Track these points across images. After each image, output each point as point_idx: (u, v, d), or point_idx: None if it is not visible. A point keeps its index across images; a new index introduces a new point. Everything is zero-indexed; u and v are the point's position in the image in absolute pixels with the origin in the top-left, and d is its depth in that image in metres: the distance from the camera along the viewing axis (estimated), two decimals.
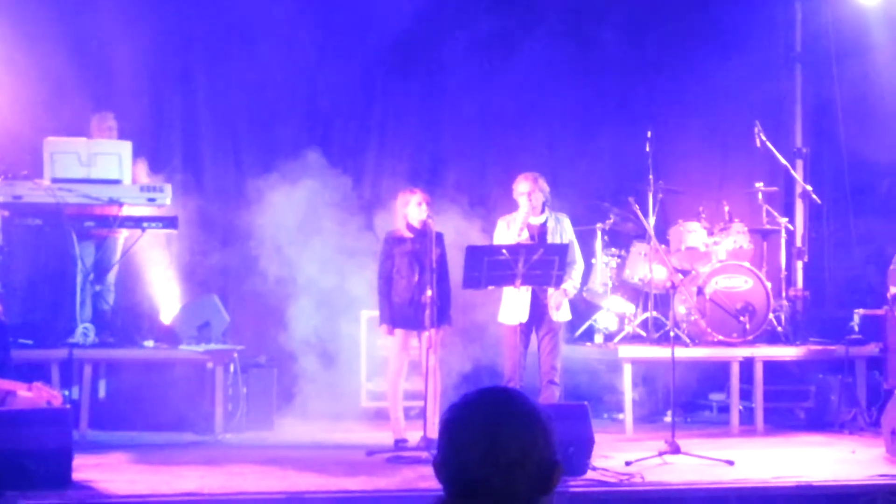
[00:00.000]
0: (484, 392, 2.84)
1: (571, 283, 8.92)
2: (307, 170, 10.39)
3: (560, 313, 8.90)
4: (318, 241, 10.31)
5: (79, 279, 9.45)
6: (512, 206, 9.02)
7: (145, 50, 10.66)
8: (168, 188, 9.48)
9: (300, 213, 10.38)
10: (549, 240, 8.85)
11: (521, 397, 2.82)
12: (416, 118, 11.48)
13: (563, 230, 8.99)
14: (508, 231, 8.89)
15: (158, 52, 10.79)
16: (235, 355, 9.54)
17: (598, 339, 10.46)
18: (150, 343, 9.54)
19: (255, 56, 10.83)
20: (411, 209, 8.83)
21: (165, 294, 10.13)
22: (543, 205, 8.95)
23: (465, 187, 10.96)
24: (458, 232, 9.85)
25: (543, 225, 8.97)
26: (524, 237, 8.83)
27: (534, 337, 8.91)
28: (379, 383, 10.12)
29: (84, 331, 9.31)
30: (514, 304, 8.78)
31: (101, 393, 9.76)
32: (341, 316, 10.38)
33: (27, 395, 7.85)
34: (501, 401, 2.80)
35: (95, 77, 10.50)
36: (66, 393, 9.12)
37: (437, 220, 8.98)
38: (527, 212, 8.85)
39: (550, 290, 8.76)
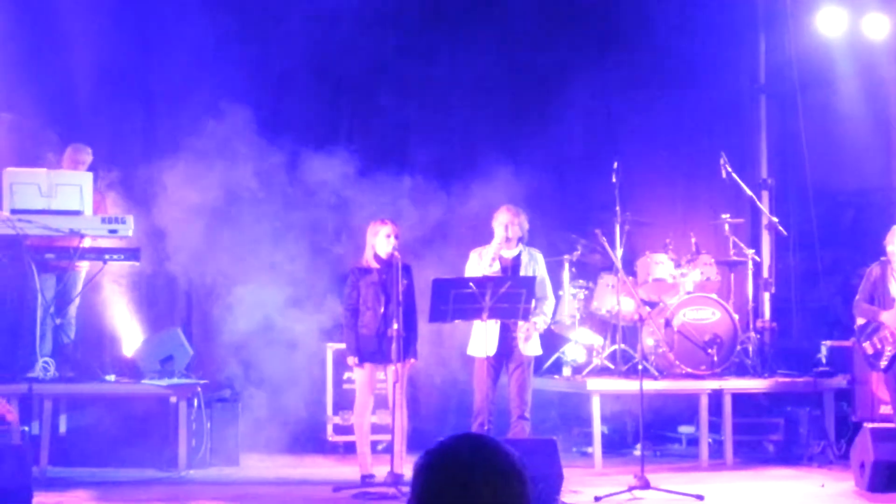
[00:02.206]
0: (459, 438, 2.79)
1: (542, 317, 8.88)
2: (275, 199, 10.31)
3: (530, 347, 8.84)
4: (284, 272, 10.21)
5: (39, 312, 9.27)
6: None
7: (106, 69, 10.49)
8: (130, 219, 9.32)
9: (265, 244, 10.29)
10: (521, 274, 8.79)
11: (496, 444, 2.78)
12: (386, 137, 11.34)
13: (535, 265, 8.95)
14: (480, 262, 8.84)
15: (118, 65, 10.58)
16: (199, 389, 9.39)
17: (567, 371, 10.38)
18: (111, 377, 9.37)
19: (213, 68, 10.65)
20: (379, 240, 8.75)
21: (127, 327, 9.97)
22: (519, 239, 8.92)
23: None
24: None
25: (517, 258, 8.94)
26: (495, 268, 8.78)
27: (504, 371, 8.85)
28: (345, 417, 10.01)
29: (44, 365, 9.14)
30: (482, 336, 8.70)
31: (62, 428, 9.58)
32: (307, 349, 10.27)
33: None
34: (477, 447, 2.75)
35: (58, 108, 10.34)
36: (26, 429, 8.95)
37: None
38: (500, 243, 8.82)
39: (520, 323, 8.69)
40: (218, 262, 10.23)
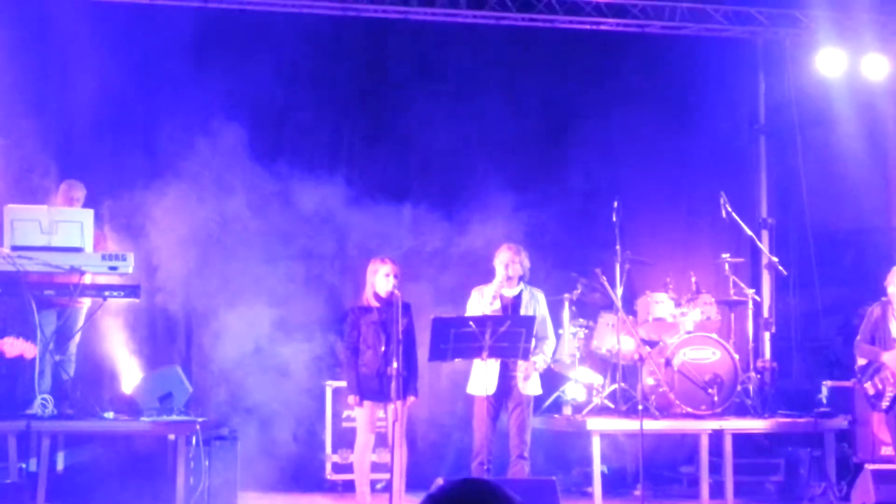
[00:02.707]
0: (461, 483, 2.80)
1: (542, 356, 8.87)
2: (274, 232, 10.31)
3: (529, 386, 8.83)
4: (283, 310, 10.20)
5: (38, 349, 9.24)
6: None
7: (109, 110, 10.47)
8: (130, 256, 9.30)
9: (264, 279, 10.28)
10: (522, 313, 8.79)
11: (497, 489, 2.78)
12: (384, 179, 11.30)
13: (536, 305, 8.95)
14: (481, 300, 8.85)
15: (111, 93, 10.48)
16: (198, 427, 9.34)
17: (567, 410, 10.33)
18: (110, 414, 9.31)
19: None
20: (379, 278, 8.76)
21: (126, 364, 9.95)
22: (520, 278, 8.93)
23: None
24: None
25: (517, 297, 8.94)
26: (496, 307, 8.79)
27: (504, 410, 8.84)
28: (344, 455, 9.98)
29: (43, 402, 9.08)
30: (482, 375, 8.69)
31: (60, 466, 9.52)
32: (306, 387, 10.25)
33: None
34: (478, 493, 2.75)
35: (58, 143, 10.34)
36: (24, 466, 8.91)
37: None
38: (500, 282, 8.84)
39: (520, 362, 8.68)
40: (216, 297, 10.20)
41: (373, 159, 11.24)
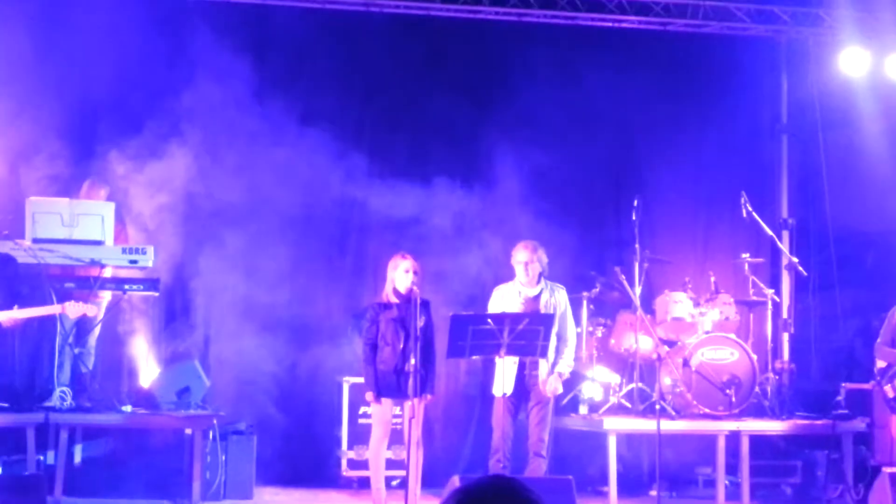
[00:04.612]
0: (489, 480, 2.84)
1: (565, 363, 8.95)
2: (295, 228, 10.33)
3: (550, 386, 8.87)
4: (301, 306, 10.22)
5: (58, 342, 9.31)
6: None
7: (135, 105, 10.45)
8: (150, 250, 9.38)
9: (284, 276, 10.30)
10: (543, 311, 8.81)
11: (523, 489, 2.81)
12: (404, 171, 11.25)
13: (556, 302, 8.96)
14: (503, 300, 8.91)
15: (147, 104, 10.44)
16: (215, 422, 9.39)
17: (583, 409, 10.32)
18: (128, 408, 9.37)
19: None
20: (399, 274, 8.76)
21: (145, 357, 9.99)
22: (539, 275, 8.95)
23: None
24: None
25: (538, 297, 8.95)
26: (522, 302, 8.85)
27: (523, 408, 8.89)
28: (360, 452, 10.00)
29: (61, 394, 9.16)
30: (501, 375, 8.72)
31: (77, 458, 9.58)
32: (322, 382, 10.26)
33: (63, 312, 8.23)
34: (504, 491, 2.79)
35: (79, 135, 10.34)
36: (41, 458, 8.97)
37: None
38: (520, 282, 8.88)
39: (543, 370, 8.71)
40: (234, 290, 10.21)
41: (393, 150, 11.21)
